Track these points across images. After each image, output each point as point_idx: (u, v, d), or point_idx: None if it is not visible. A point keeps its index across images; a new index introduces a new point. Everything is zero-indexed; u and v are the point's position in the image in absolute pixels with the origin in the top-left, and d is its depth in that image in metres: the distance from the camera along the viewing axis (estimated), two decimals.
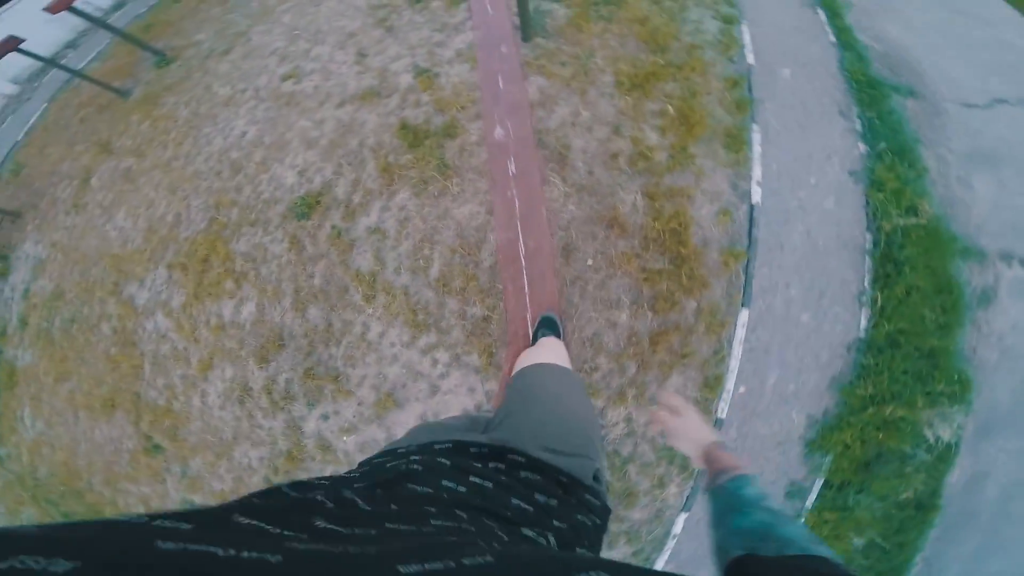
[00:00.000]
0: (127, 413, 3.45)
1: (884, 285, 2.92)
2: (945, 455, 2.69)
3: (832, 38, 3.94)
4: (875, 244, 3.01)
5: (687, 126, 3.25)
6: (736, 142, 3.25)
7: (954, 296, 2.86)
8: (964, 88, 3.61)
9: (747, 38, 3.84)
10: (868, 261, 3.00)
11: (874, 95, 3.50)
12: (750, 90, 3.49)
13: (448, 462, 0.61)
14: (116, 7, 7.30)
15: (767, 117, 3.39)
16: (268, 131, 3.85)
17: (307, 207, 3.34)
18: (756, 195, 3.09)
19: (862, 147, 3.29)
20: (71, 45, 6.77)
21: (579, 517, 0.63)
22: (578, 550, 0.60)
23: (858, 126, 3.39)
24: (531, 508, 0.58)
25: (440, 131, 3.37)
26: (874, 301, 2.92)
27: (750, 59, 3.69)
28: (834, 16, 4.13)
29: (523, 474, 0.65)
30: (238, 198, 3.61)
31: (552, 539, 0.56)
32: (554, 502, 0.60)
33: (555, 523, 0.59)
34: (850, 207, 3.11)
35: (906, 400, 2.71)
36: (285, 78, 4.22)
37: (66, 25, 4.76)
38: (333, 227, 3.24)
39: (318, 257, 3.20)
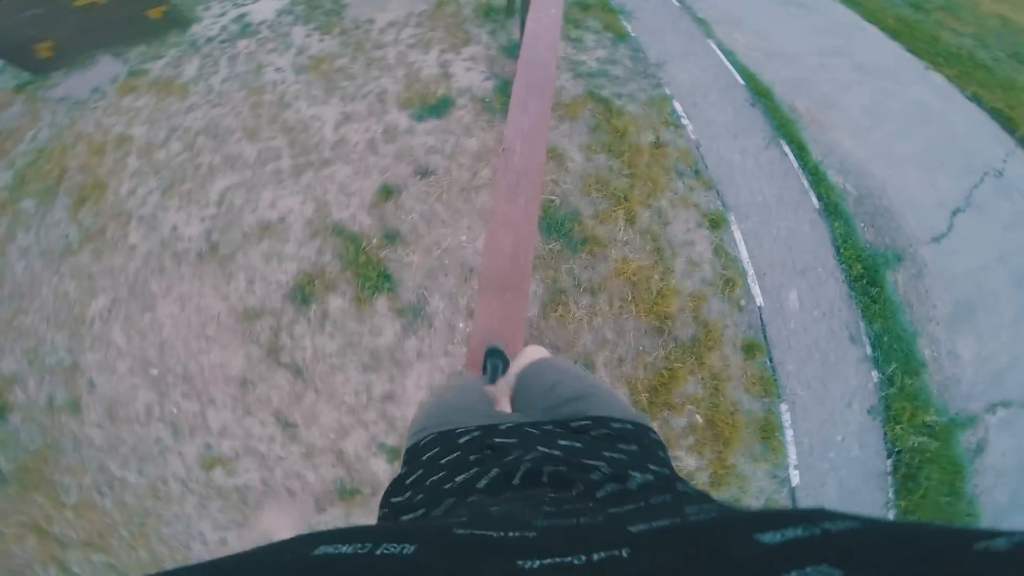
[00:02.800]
0: None
1: (905, 495, 3.14)
2: None
3: (814, 200, 3.53)
4: (895, 468, 3.16)
5: (722, 440, 2.91)
6: (769, 431, 3.00)
7: (961, 475, 3.18)
8: (925, 210, 3.68)
9: (742, 247, 3.29)
10: (890, 480, 3.16)
11: (873, 293, 3.37)
12: (770, 358, 3.12)
13: (536, 432, 0.63)
14: None
15: (792, 386, 3.11)
16: None
17: None
18: (795, 479, 3.05)
19: (875, 375, 3.23)
20: None
21: (660, 454, 0.63)
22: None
23: (868, 348, 3.25)
24: (624, 456, 0.57)
25: None
26: (899, 507, 3.14)
27: (756, 295, 3.22)
28: (800, 150, 3.69)
29: (593, 434, 0.65)
30: None
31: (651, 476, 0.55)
32: (634, 447, 0.61)
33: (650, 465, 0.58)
34: (872, 444, 3.17)
35: None
36: (209, 465, 2.86)
37: None
38: None
39: None
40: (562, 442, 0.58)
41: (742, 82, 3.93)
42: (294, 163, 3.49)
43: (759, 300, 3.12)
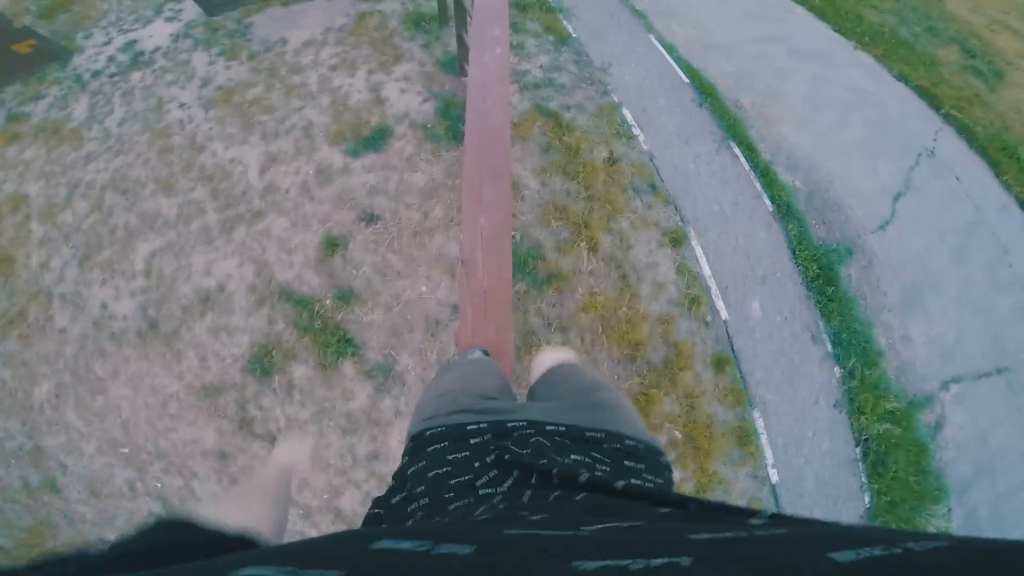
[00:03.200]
0: None
1: (877, 479, 3.40)
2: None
3: (767, 203, 3.58)
4: (864, 455, 3.40)
5: (703, 451, 3.03)
6: (745, 436, 3.14)
7: (925, 453, 3.45)
8: (869, 198, 3.78)
9: (703, 262, 3.32)
10: (861, 467, 3.40)
11: (829, 292, 3.49)
12: (739, 369, 3.22)
13: (565, 440, 0.63)
14: None
15: (762, 392, 3.24)
16: None
17: None
18: (774, 476, 3.23)
19: (837, 371, 3.40)
20: None
21: (667, 475, 0.66)
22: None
23: (829, 346, 3.40)
24: (631, 472, 0.60)
25: None
26: (872, 490, 3.41)
27: (721, 309, 3.28)
28: (750, 151, 3.70)
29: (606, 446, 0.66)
30: None
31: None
32: (642, 465, 0.63)
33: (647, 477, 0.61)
34: (841, 436, 3.38)
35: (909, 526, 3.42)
36: None
37: None
38: None
39: None
40: (574, 456, 0.58)
41: (687, 80, 3.85)
42: (221, 217, 3.16)
43: (724, 314, 3.18)
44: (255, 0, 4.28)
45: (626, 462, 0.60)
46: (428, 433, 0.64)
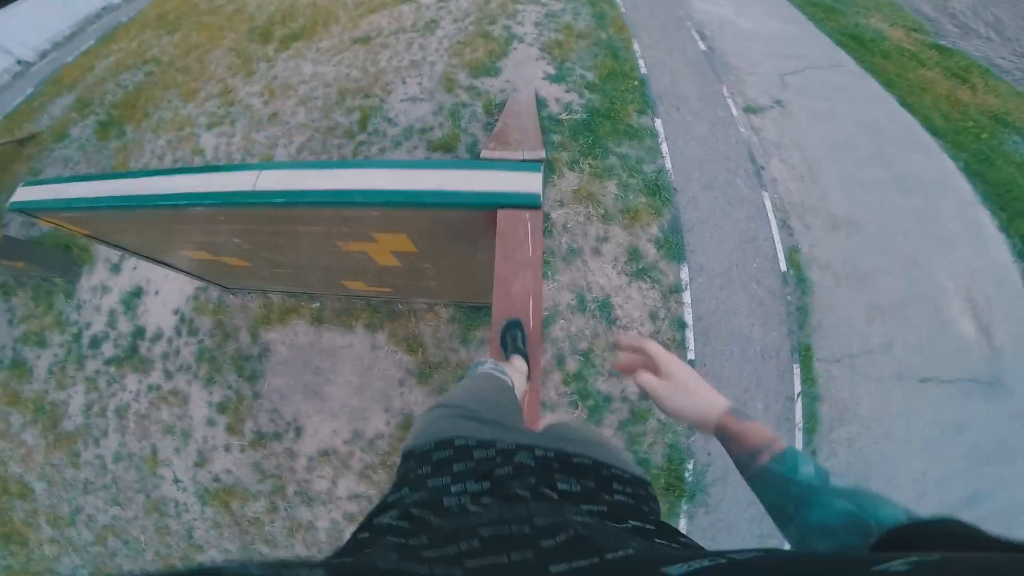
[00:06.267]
0: None
1: None
2: None
3: None
4: None
5: None
6: None
7: None
8: None
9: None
10: None
11: None
12: None
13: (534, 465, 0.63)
14: None
15: None
16: None
17: None
18: None
19: None
20: None
21: (651, 505, 0.65)
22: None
23: None
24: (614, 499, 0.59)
25: None
26: None
27: None
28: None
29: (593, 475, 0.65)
30: None
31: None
32: (628, 490, 0.62)
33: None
34: None
35: None
36: None
37: None
38: None
39: None
40: (561, 485, 0.58)
41: None
42: None
43: None
44: (280, 292, 3.19)
45: (615, 486, 0.60)
46: (417, 452, 0.65)
